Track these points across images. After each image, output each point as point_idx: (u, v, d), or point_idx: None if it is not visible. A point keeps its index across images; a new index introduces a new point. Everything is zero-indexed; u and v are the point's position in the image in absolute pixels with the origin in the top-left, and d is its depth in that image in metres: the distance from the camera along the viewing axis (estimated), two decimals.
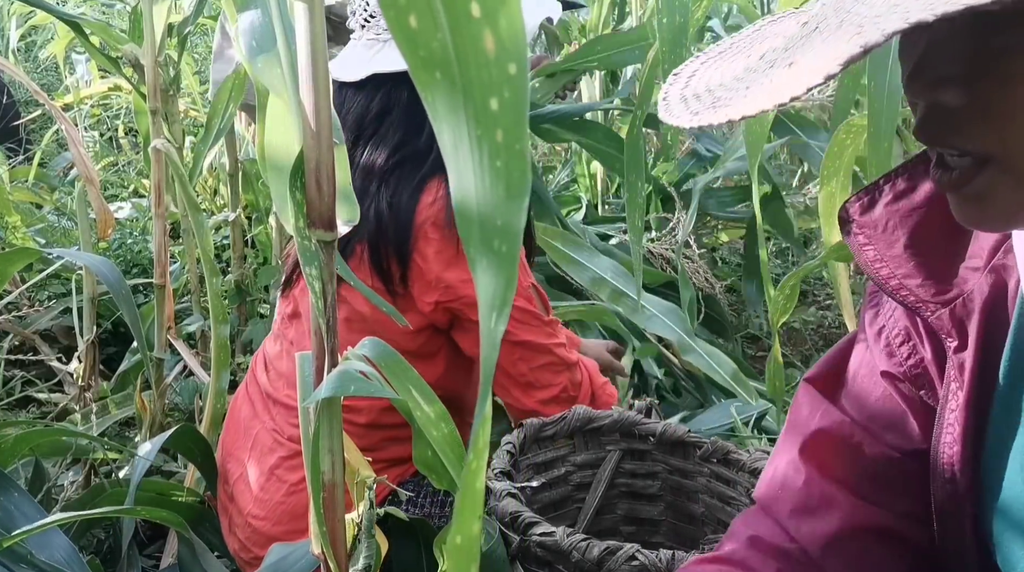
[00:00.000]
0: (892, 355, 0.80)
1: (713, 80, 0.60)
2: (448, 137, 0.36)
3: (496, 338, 0.37)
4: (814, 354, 2.65)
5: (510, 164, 0.36)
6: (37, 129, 4.56)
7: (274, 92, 0.68)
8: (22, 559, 1.07)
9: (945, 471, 0.75)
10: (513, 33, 0.34)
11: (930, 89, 0.59)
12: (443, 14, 0.35)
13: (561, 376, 1.35)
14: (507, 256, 0.37)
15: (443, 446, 0.73)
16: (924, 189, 0.74)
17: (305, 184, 0.68)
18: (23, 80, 1.86)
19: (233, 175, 2.32)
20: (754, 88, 0.53)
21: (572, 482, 1.32)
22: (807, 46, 0.52)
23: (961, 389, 0.73)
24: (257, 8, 0.69)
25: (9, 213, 2.40)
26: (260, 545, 1.33)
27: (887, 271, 0.74)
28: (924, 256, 0.74)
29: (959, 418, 0.73)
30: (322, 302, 0.70)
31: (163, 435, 1.43)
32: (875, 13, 0.48)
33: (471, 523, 0.40)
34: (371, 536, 0.78)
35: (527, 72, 0.35)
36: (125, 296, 1.57)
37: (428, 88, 0.36)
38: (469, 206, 0.37)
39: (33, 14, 4.38)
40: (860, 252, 0.76)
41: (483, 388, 0.37)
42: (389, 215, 1.26)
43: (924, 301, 0.73)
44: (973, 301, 0.72)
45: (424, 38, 0.35)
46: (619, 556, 0.96)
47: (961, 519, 0.75)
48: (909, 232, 0.74)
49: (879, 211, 0.75)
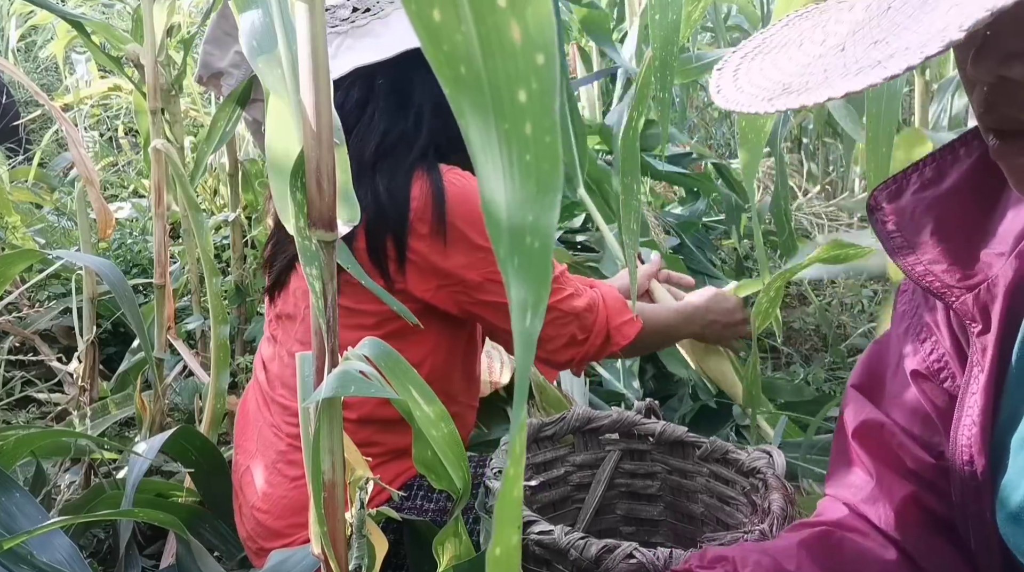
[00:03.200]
0: (917, 352, 0.81)
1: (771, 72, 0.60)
2: (475, 133, 0.35)
3: (532, 338, 0.35)
4: (814, 354, 2.65)
5: (540, 158, 0.35)
6: (37, 129, 4.56)
7: (275, 92, 0.68)
8: (23, 560, 1.07)
9: (963, 453, 0.75)
10: (540, 22, 0.33)
11: (999, 66, 0.59)
12: (467, 6, 0.34)
13: (568, 326, 1.34)
14: (539, 253, 0.35)
15: (443, 446, 0.73)
16: (951, 178, 0.75)
17: (305, 184, 0.68)
18: (23, 80, 1.86)
19: (233, 175, 2.32)
20: (832, 71, 0.53)
21: (571, 482, 1.33)
22: (887, 25, 0.52)
23: (983, 372, 0.74)
24: (258, 8, 0.69)
25: (9, 213, 2.40)
26: (264, 537, 1.35)
27: (913, 258, 0.76)
28: (949, 242, 0.75)
29: (979, 401, 0.74)
30: (322, 302, 0.70)
31: (161, 436, 1.43)
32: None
33: (510, 534, 0.38)
34: (362, 536, 0.78)
35: (556, 62, 0.34)
36: (127, 296, 1.57)
37: (452, 84, 0.35)
38: (498, 204, 0.36)
39: (33, 14, 4.38)
40: (887, 239, 0.77)
41: (518, 393, 0.36)
42: (388, 203, 1.26)
43: (949, 286, 0.74)
44: (997, 285, 0.72)
45: (448, 32, 0.34)
46: (617, 554, 0.97)
47: (981, 503, 0.76)
48: (935, 219, 0.75)
49: (907, 199, 0.76)
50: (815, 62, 0.56)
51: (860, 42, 0.53)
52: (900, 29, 0.50)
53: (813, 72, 0.55)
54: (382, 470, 1.30)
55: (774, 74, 0.59)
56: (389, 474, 1.32)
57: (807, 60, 0.57)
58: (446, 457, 0.74)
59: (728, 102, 0.60)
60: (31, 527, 1.11)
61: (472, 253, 1.26)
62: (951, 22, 0.47)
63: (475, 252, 1.26)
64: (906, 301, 0.84)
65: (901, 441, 0.81)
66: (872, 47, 0.51)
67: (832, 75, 0.52)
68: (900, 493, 0.81)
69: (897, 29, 0.50)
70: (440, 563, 0.83)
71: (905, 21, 0.50)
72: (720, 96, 0.61)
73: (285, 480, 1.34)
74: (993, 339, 0.73)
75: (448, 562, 0.83)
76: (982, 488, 0.75)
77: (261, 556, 1.35)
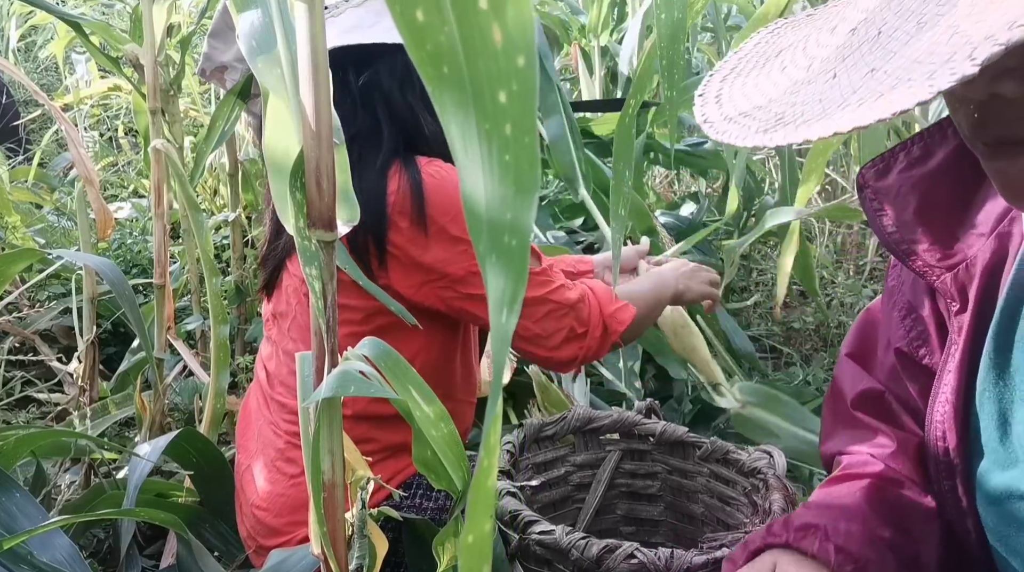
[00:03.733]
0: (898, 328, 0.83)
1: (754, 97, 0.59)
2: (456, 131, 0.36)
3: (507, 333, 0.36)
4: (814, 354, 2.65)
5: (519, 158, 0.35)
6: (37, 129, 4.57)
7: (274, 92, 0.68)
8: (23, 560, 1.07)
9: (937, 429, 0.77)
10: (521, 25, 0.34)
11: (990, 83, 0.59)
12: (450, 7, 0.34)
13: (565, 319, 1.33)
14: (517, 251, 0.36)
15: (442, 446, 0.73)
16: (937, 157, 0.76)
17: (305, 184, 0.68)
18: (23, 80, 1.86)
19: (233, 175, 2.32)
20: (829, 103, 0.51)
21: (572, 482, 1.32)
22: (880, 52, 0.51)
23: (959, 350, 0.75)
24: (258, 8, 0.69)
25: (9, 213, 2.41)
26: (263, 535, 1.35)
27: (898, 235, 0.77)
28: (932, 222, 0.76)
29: (953, 378, 0.76)
30: (322, 302, 0.70)
31: (164, 438, 1.43)
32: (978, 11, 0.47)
33: (483, 522, 0.39)
34: (363, 536, 0.78)
35: (536, 64, 0.35)
36: (127, 296, 1.57)
37: (435, 83, 0.36)
38: (478, 201, 0.36)
39: (33, 14, 4.38)
40: (874, 217, 0.78)
41: (494, 385, 0.36)
42: (364, 198, 1.25)
43: (930, 265, 0.75)
44: (975, 265, 0.74)
45: (431, 32, 0.35)
46: (618, 554, 0.97)
47: (953, 479, 0.77)
48: (919, 198, 0.76)
49: (893, 177, 0.77)
50: (804, 88, 0.56)
51: (854, 69, 0.52)
52: (897, 57, 0.49)
53: (807, 102, 0.54)
54: (380, 467, 1.30)
55: (758, 98, 0.59)
56: (387, 472, 1.32)
57: (792, 85, 0.57)
58: (446, 457, 0.74)
59: (719, 133, 0.58)
60: (31, 527, 1.11)
61: (452, 246, 1.25)
62: (958, 52, 0.46)
63: (455, 245, 1.25)
64: (895, 276, 0.85)
65: (898, 410, 0.84)
66: (869, 76, 0.50)
67: (830, 106, 0.51)
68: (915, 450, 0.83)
69: (894, 57, 0.50)
70: (440, 563, 0.83)
71: (901, 48, 0.49)
72: (709, 127, 0.60)
73: (284, 478, 1.34)
74: (969, 318, 0.74)
75: (448, 562, 0.83)
76: (954, 465, 0.76)
77: (261, 555, 1.35)
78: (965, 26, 0.47)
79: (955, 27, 0.47)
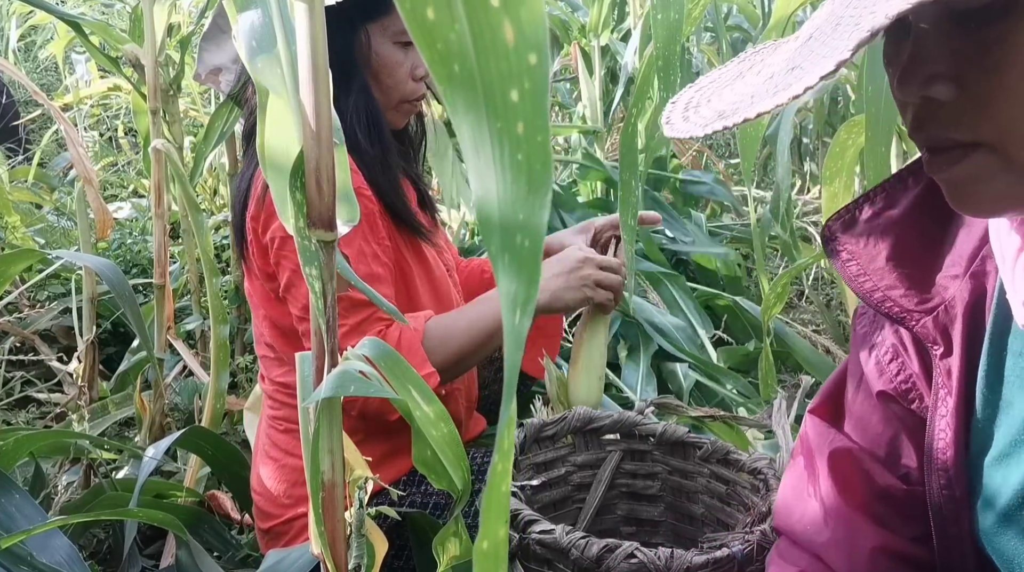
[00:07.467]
0: (883, 373, 0.81)
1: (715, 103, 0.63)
2: (467, 131, 0.35)
3: (521, 336, 0.35)
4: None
5: (532, 157, 0.35)
6: (37, 129, 4.56)
7: (274, 92, 0.68)
8: (23, 560, 1.07)
9: (940, 476, 0.76)
10: (533, 22, 0.33)
11: (922, 87, 0.61)
12: (460, 5, 0.34)
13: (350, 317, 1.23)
14: (529, 252, 0.35)
15: (442, 446, 0.73)
16: (902, 204, 0.77)
17: (305, 184, 0.68)
18: (23, 80, 1.86)
19: (233, 175, 2.32)
20: (758, 96, 0.57)
21: (572, 482, 1.32)
22: (805, 52, 0.55)
23: (950, 395, 0.74)
24: (257, 8, 0.69)
25: (9, 213, 2.40)
26: (260, 518, 1.40)
27: (871, 284, 0.76)
28: (905, 267, 0.76)
29: (950, 423, 0.75)
30: (322, 302, 0.70)
31: (169, 438, 1.45)
32: (872, 3, 0.51)
33: (497, 527, 0.39)
34: (361, 536, 0.77)
35: (548, 62, 0.34)
36: (127, 296, 1.57)
37: (446, 82, 0.35)
38: (490, 201, 0.36)
39: (33, 14, 4.38)
40: (844, 268, 0.78)
41: (507, 388, 0.36)
42: (240, 185, 1.36)
43: (908, 311, 0.75)
44: (955, 307, 0.74)
45: (441, 30, 0.34)
46: (618, 554, 0.96)
47: (960, 524, 0.76)
48: (890, 245, 0.76)
49: (860, 227, 0.78)
50: (752, 90, 0.60)
51: (784, 69, 0.57)
52: (814, 55, 0.53)
53: (744, 98, 0.59)
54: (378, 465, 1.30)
55: (719, 105, 0.62)
56: (387, 472, 1.33)
57: (748, 90, 0.60)
58: (445, 456, 0.74)
59: (673, 130, 0.64)
60: (30, 528, 1.11)
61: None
62: (848, 43, 0.50)
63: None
64: (866, 323, 0.84)
65: (868, 466, 0.81)
66: (790, 73, 0.55)
67: (757, 99, 0.56)
68: (868, 544, 0.80)
69: (812, 56, 0.54)
70: (440, 563, 0.83)
71: (820, 48, 0.53)
72: (668, 126, 0.64)
73: (270, 461, 1.38)
74: (957, 361, 0.73)
75: (448, 562, 0.83)
76: (960, 510, 0.75)
77: (263, 538, 1.40)
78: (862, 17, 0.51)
79: (857, 23, 0.51)
